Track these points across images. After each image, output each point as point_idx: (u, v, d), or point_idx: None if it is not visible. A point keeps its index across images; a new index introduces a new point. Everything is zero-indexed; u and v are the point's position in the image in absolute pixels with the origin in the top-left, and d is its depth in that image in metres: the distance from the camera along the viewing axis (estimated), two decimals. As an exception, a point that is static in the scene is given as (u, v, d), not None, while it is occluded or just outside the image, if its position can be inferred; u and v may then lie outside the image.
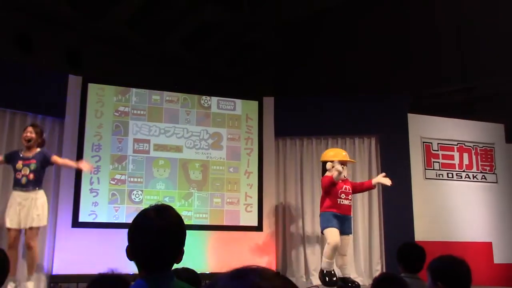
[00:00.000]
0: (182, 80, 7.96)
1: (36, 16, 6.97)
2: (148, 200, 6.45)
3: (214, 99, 7.11)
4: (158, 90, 6.91)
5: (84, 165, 5.39)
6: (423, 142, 7.37)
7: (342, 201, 5.85)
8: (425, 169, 7.30)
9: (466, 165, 7.50)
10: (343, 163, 5.93)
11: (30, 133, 5.25)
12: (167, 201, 6.42)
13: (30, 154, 5.23)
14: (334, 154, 6.07)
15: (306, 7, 8.04)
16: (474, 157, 7.56)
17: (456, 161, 7.47)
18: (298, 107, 7.29)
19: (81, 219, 6.09)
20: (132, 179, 6.50)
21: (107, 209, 6.31)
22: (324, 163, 6.04)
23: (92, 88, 6.54)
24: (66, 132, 6.27)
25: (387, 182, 5.92)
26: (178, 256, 1.74)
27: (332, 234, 5.72)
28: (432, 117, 7.56)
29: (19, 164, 5.15)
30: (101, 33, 7.64)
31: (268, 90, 8.05)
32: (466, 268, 2.54)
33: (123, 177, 6.47)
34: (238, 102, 7.21)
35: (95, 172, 6.33)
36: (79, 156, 6.24)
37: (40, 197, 5.17)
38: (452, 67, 7.50)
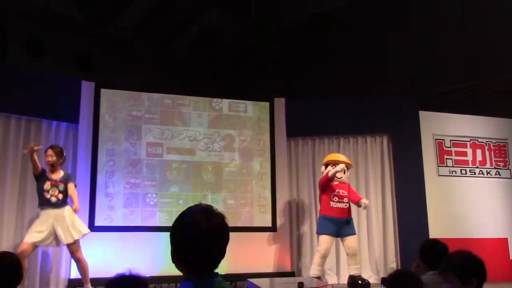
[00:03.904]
0: (193, 84, 8.04)
1: (48, 24, 7.09)
2: (162, 203, 6.51)
3: (226, 102, 7.14)
4: (170, 94, 6.96)
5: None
6: (436, 139, 7.34)
7: (335, 204, 5.94)
8: (438, 166, 7.27)
9: (479, 161, 7.46)
10: (338, 164, 6.08)
11: (51, 157, 5.31)
12: (181, 204, 6.48)
13: (57, 177, 5.31)
14: (332, 156, 6.31)
15: (314, 8, 8.07)
16: (487, 153, 7.52)
17: (469, 157, 7.44)
18: (309, 107, 7.30)
19: (97, 223, 6.16)
20: (146, 183, 6.56)
21: (122, 213, 6.38)
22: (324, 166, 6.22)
23: (105, 93, 6.61)
24: (80, 138, 6.35)
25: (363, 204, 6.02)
26: (223, 257, 1.73)
27: (324, 242, 5.88)
28: (444, 114, 7.53)
29: (47, 184, 5.22)
30: (112, 39, 7.75)
31: (279, 91, 8.09)
32: (480, 261, 2.50)
33: (137, 181, 6.54)
34: (249, 104, 7.24)
35: (110, 177, 6.41)
36: (94, 161, 6.32)
37: (68, 213, 5.26)
38: (462, 63, 7.48)
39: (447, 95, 8.15)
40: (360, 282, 5.85)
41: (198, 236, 1.65)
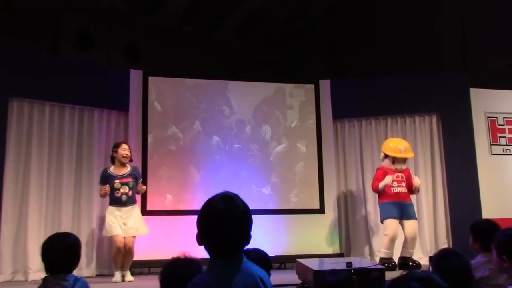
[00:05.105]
0: (238, 68, 8.09)
1: (98, 16, 7.29)
2: (211, 187, 6.61)
3: (272, 85, 7.18)
4: (216, 79, 7.05)
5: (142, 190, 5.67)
6: (488, 117, 7.12)
7: (395, 189, 5.97)
8: (491, 144, 7.07)
9: (535, 138, 7.19)
10: (399, 159, 6.09)
11: (129, 151, 5.58)
12: (231, 188, 6.57)
13: (124, 172, 5.53)
14: (393, 147, 6.19)
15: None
16: (543, 130, 7.24)
17: (525, 135, 7.18)
18: (355, 88, 7.21)
19: (150, 207, 6.34)
20: (195, 167, 6.69)
21: (173, 197, 6.55)
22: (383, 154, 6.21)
23: (153, 81, 6.76)
24: (131, 125, 6.53)
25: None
26: (247, 242, 1.80)
27: (390, 225, 5.90)
28: (496, 90, 7.28)
29: (117, 183, 5.43)
30: (159, 28, 7.89)
31: (324, 72, 8.03)
32: None
33: (186, 166, 6.67)
34: (295, 86, 7.24)
35: (160, 162, 6.58)
36: (144, 147, 6.50)
37: (137, 211, 5.55)
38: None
39: (499, 71, 7.85)
40: (410, 263, 5.84)
41: (219, 224, 1.74)
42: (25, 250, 5.59)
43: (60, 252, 2.61)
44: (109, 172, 5.51)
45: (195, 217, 1.81)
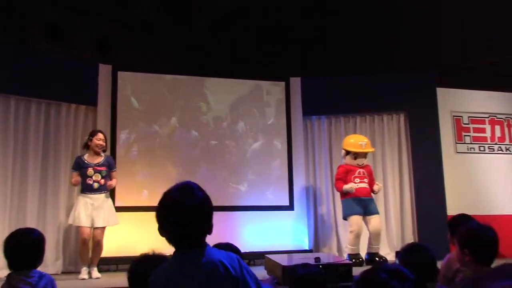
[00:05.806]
0: (210, 64, 8.06)
1: (68, 8, 7.15)
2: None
3: (248, 82, 7.17)
4: (187, 75, 7.00)
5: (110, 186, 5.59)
6: (453, 116, 7.29)
7: (358, 185, 6.07)
8: (456, 143, 7.23)
9: (498, 137, 7.39)
10: (360, 154, 6.18)
11: (104, 141, 5.54)
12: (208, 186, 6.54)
13: (98, 160, 5.49)
14: (353, 142, 6.30)
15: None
16: (506, 129, 7.44)
17: (488, 134, 7.37)
18: (325, 86, 7.27)
19: (118, 203, 6.25)
20: (171, 163, 6.64)
21: (142, 193, 6.48)
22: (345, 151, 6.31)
23: (122, 76, 6.67)
24: (99, 120, 6.42)
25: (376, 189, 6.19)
26: (207, 232, 1.79)
27: (355, 222, 5.99)
28: (462, 90, 7.45)
29: (90, 170, 5.41)
30: (129, 21, 7.78)
31: (295, 70, 8.07)
32: (493, 234, 2.53)
33: (162, 162, 6.61)
34: (266, 83, 7.25)
35: (135, 158, 6.50)
36: (113, 143, 6.40)
37: (108, 200, 5.52)
38: (481, 40, 7.36)
39: (465, 71, 8.04)
40: (377, 258, 5.94)
41: (174, 214, 1.77)
42: (-12, 247, 5.44)
43: (24, 248, 2.57)
44: (83, 159, 5.48)
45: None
